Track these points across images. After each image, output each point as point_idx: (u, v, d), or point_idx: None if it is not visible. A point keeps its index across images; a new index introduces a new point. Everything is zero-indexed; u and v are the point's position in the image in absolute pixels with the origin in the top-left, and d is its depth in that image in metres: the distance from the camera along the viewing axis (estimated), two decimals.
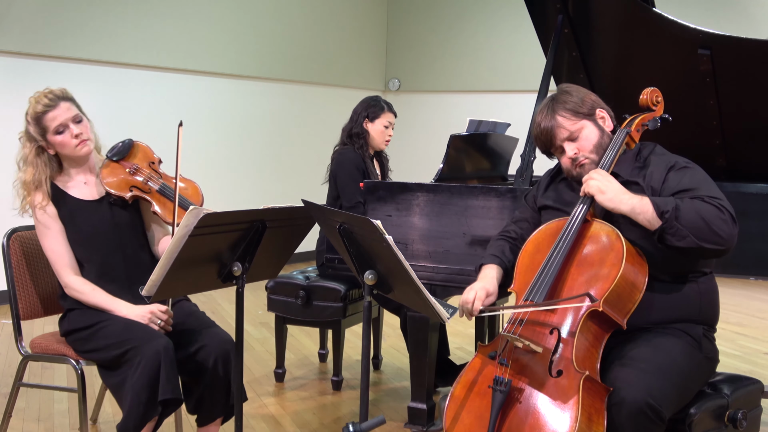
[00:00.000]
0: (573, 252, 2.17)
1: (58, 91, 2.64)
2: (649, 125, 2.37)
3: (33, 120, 2.61)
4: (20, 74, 5.66)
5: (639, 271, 2.12)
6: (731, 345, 4.80)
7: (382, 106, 3.91)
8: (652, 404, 1.93)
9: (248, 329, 4.95)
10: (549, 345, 2.05)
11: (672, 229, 2.07)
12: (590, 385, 1.96)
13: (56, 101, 2.60)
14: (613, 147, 2.28)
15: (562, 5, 3.24)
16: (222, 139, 6.95)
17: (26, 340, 2.78)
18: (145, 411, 2.35)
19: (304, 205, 2.33)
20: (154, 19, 6.46)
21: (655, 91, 2.39)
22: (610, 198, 2.14)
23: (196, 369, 2.54)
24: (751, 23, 7.06)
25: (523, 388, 2.03)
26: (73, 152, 2.63)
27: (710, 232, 2.06)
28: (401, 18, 8.81)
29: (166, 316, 2.56)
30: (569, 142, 2.30)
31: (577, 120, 2.29)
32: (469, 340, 4.72)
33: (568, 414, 1.92)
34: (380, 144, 3.93)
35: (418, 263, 3.00)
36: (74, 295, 2.61)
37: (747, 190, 2.75)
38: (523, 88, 7.34)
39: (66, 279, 2.61)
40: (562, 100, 2.31)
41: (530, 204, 2.53)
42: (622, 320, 2.09)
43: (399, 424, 3.35)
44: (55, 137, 2.60)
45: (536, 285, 2.14)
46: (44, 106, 2.59)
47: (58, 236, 2.62)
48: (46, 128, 2.60)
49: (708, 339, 2.26)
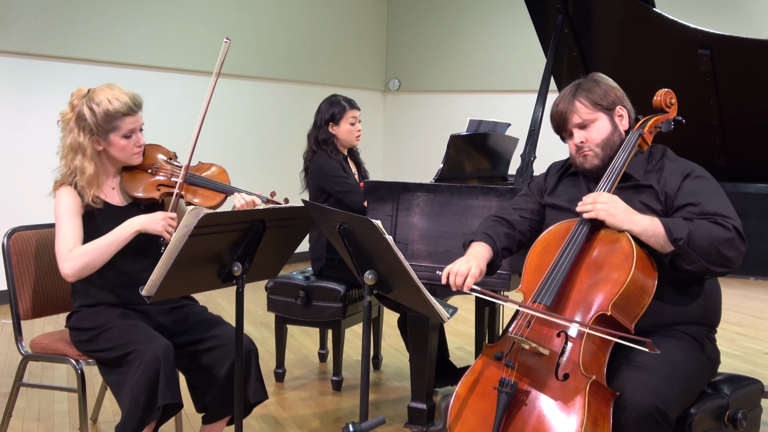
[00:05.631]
0: (582, 254, 2.15)
1: (139, 97, 2.59)
2: (663, 127, 2.34)
3: (104, 115, 2.51)
4: (20, 74, 5.66)
5: (648, 276, 2.10)
6: (731, 345, 4.79)
7: (343, 106, 3.87)
8: (661, 408, 1.93)
9: (248, 329, 4.95)
10: (556, 348, 2.04)
11: (684, 255, 2.08)
12: (597, 390, 1.95)
13: (137, 109, 2.57)
14: (626, 148, 2.26)
15: (562, 5, 3.24)
16: (222, 139, 6.95)
17: (26, 340, 2.78)
18: (143, 415, 2.34)
19: (304, 205, 2.33)
20: (154, 19, 6.46)
21: (669, 93, 2.36)
22: (620, 221, 2.12)
23: (207, 367, 2.54)
24: (751, 23, 7.06)
25: (528, 391, 2.02)
26: (127, 158, 2.60)
27: (720, 257, 2.08)
28: (401, 18, 8.81)
29: (175, 222, 2.51)
30: (579, 129, 2.30)
31: (594, 111, 2.29)
32: (469, 340, 4.72)
33: (574, 418, 1.91)
34: (351, 141, 3.91)
35: (418, 263, 3.00)
36: (78, 261, 2.47)
37: (747, 190, 2.75)
38: (523, 88, 7.34)
39: (64, 256, 2.49)
40: (586, 88, 2.31)
41: (535, 195, 2.49)
42: (630, 324, 2.08)
43: (399, 424, 3.35)
44: (120, 140, 2.55)
45: (544, 287, 2.11)
46: (127, 108, 2.53)
47: (77, 226, 2.53)
48: (115, 128, 2.53)
49: (710, 340, 2.27)
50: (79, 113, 2.53)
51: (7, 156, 5.61)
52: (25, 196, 5.53)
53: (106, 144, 2.56)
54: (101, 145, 2.56)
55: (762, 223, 2.70)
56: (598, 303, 2.06)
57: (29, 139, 5.68)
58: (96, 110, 2.51)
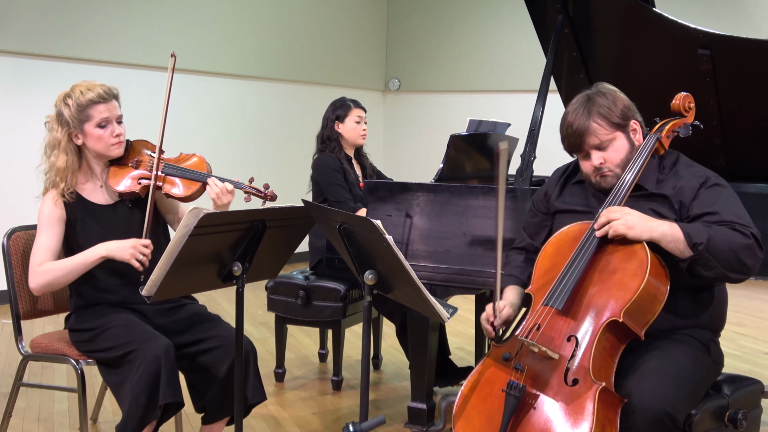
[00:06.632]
0: (595, 259, 2.12)
1: (113, 88, 2.61)
2: (680, 132, 2.28)
3: (77, 105, 2.54)
4: (20, 74, 5.66)
5: (661, 283, 2.07)
6: (731, 345, 4.79)
7: (348, 105, 3.95)
8: (670, 413, 1.92)
9: (248, 329, 4.95)
10: (566, 353, 2.02)
11: (702, 261, 2.05)
12: (605, 396, 1.93)
13: (110, 97, 2.58)
14: (642, 154, 2.20)
15: (562, 5, 3.24)
16: (222, 139, 6.95)
17: (26, 340, 2.78)
18: (143, 414, 2.34)
19: (304, 205, 2.33)
20: (154, 19, 6.46)
21: (687, 97, 2.30)
22: (640, 231, 2.06)
23: (206, 367, 2.54)
24: (751, 23, 7.06)
25: (537, 394, 1.99)
26: (106, 150, 2.59)
27: (739, 264, 2.06)
28: (401, 18, 8.81)
29: (148, 250, 2.49)
30: (597, 151, 2.22)
31: (611, 130, 2.21)
32: (469, 340, 4.72)
33: (582, 425, 1.89)
34: (356, 140, 3.95)
35: (418, 263, 3.00)
36: (38, 282, 2.50)
37: (747, 190, 2.75)
38: (523, 88, 7.34)
39: (34, 270, 2.51)
40: (598, 104, 2.21)
41: (541, 210, 2.46)
42: (641, 331, 2.06)
43: (399, 424, 3.35)
44: (95, 129, 2.56)
45: (556, 291, 2.09)
46: (97, 96, 2.55)
47: (54, 237, 2.56)
48: (88, 117, 2.55)
49: (715, 343, 2.26)
50: (58, 111, 2.58)
51: (7, 156, 5.61)
52: (25, 196, 5.51)
53: (83, 136, 2.57)
54: (79, 138, 2.58)
55: (762, 223, 2.69)
56: (611, 309, 2.03)
57: (29, 139, 5.65)
58: (70, 103, 2.56)
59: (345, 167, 3.86)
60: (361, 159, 4.06)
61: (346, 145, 3.95)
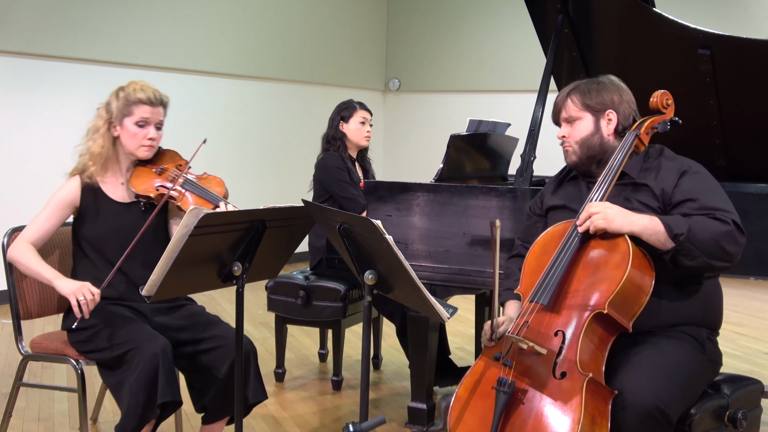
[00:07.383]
0: (579, 254, 2.16)
1: (165, 96, 2.70)
2: (659, 128, 2.35)
3: (125, 100, 2.62)
4: (20, 74, 5.66)
5: (645, 274, 2.11)
6: (731, 345, 4.79)
7: (354, 106, 3.98)
8: (661, 407, 1.93)
9: (248, 329, 4.95)
10: (553, 347, 2.05)
11: (685, 251, 2.08)
12: (594, 388, 1.95)
13: (158, 102, 2.65)
14: (622, 149, 2.28)
15: (562, 5, 3.24)
16: (222, 139, 6.95)
17: (26, 340, 2.78)
18: (142, 413, 2.34)
19: (304, 205, 2.33)
20: (154, 19, 6.46)
21: (665, 94, 2.37)
22: (619, 224, 2.12)
23: (206, 368, 2.54)
24: (751, 23, 7.07)
25: (526, 390, 2.02)
26: (135, 149, 2.65)
27: (721, 252, 2.09)
28: (401, 18, 8.81)
29: (92, 297, 2.46)
30: (566, 124, 2.38)
31: (581, 110, 2.34)
32: (468, 340, 4.72)
33: (571, 416, 1.91)
34: (360, 141, 3.97)
35: (418, 263, 3.00)
36: (13, 254, 2.60)
37: (747, 190, 2.75)
38: (523, 88, 7.34)
39: (20, 240, 2.61)
40: (584, 87, 2.36)
41: (536, 212, 2.53)
42: (628, 323, 2.08)
43: (399, 424, 3.35)
44: (132, 126, 2.62)
45: (542, 286, 2.13)
46: (146, 98, 2.62)
47: (53, 219, 2.64)
48: (131, 113, 2.62)
49: (711, 342, 2.27)
50: (108, 100, 2.67)
51: (8, 156, 5.61)
52: (26, 196, 5.53)
53: (120, 129, 2.64)
54: (117, 130, 2.65)
55: (762, 223, 2.70)
56: (596, 302, 2.06)
57: (29, 139, 5.68)
58: (121, 96, 2.65)
59: (348, 167, 3.87)
60: (364, 163, 4.08)
61: (350, 146, 3.96)
